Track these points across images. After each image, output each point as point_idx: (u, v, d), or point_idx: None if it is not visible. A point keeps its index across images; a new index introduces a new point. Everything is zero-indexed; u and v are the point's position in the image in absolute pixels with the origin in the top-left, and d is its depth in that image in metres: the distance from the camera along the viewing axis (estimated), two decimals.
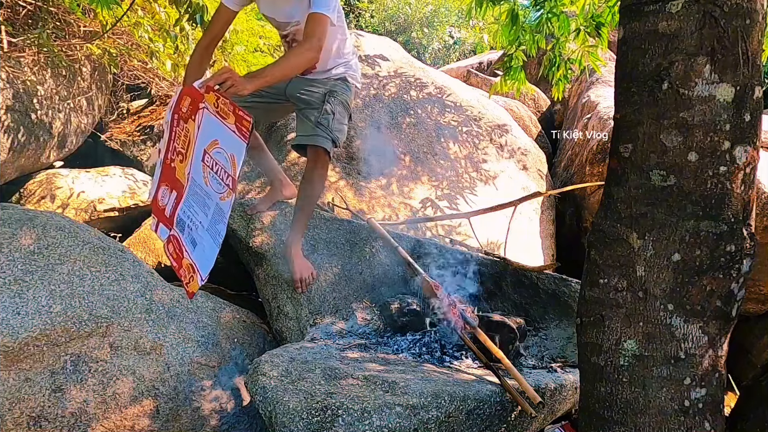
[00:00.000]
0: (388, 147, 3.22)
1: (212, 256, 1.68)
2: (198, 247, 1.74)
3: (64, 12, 3.66)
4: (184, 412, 1.85)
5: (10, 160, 3.63)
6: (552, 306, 2.46)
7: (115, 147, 5.06)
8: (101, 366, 1.80)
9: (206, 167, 1.70)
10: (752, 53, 1.19)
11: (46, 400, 1.70)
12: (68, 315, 1.80)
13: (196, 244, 1.75)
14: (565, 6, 3.25)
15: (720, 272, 1.23)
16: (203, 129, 1.73)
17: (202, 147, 1.73)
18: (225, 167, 1.65)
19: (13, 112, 3.45)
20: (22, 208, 2.15)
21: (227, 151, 1.65)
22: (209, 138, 1.71)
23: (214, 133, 1.70)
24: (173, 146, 1.84)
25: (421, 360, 1.96)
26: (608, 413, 1.32)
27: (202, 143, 1.73)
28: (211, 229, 1.69)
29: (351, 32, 3.96)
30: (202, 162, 1.72)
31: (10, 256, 1.84)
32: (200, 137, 1.74)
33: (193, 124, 1.75)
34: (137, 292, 1.98)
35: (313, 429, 1.41)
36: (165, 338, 1.93)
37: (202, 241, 1.73)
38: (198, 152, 1.74)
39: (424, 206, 3.10)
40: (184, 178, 1.79)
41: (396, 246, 2.37)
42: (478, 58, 7.17)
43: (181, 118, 1.81)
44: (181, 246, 1.81)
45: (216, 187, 1.69)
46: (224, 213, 1.66)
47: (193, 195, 1.77)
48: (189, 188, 1.77)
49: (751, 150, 1.22)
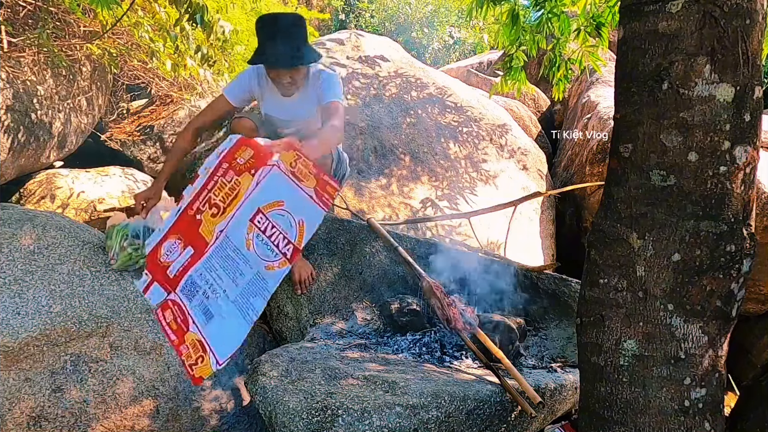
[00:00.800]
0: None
1: (238, 336, 1.44)
2: (214, 320, 1.48)
3: (64, 12, 3.66)
4: (184, 412, 1.85)
5: (10, 160, 3.63)
6: (552, 306, 2.46)
7: (115, 147, 5.06)
8: (101, 366, 1.80)
9: (255, 228, 1.51)
10: (752, 53, 1.19)
11: (46, 400, 1.70)
12: (68, 315, 1.79)
13: (211, 317, 1.50)
14: (566, 6, 3.25)
15: (720, 272, 1.23)
16: (265, 186, 1.54)
17: (256, 205, 1.53)
18: (286, 232, 1.48)
19: (13, 112, 3.45)
20: (22, 208, 2.15)
21: (294, 216, 1.49)
22: (271, 197, 1.52)
23: (280, 193, 1.52)
24: (208, 196, 1.59)
25: (421, 360, 1.96)
26: (608, 413, 1.32)
27: (259, 201, 1.53)
28: (242, 301, 1.46)
29: (351, 32, 3.96)
30: (250, 222, 1.52)
31: (10, 256, 1.84)
32: (257, 194, 1.54)
33: (250, 178, 1.55)
34: (137, 292, 1.98)
35: (313, 429, 1.41)
36: (165, 338, 1.93)
37: (221, 313, 1.48)
38: (247, 210, 1.54)
39: (424, 206, 3.10)
40: (211, 235, 1.54)
41: (396, 246, 2.37)
42: (478, 58, 7.17)
43: (231, 168, 1.60)
44: (185, 315, 1.54)
45: (263, 253, 1.49)
46: (267, 285, 1.45)
47: (222, 256, 1.53)
48: (216, 247, 1.52)
49: (751, 150, 1.22)
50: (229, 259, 1.51)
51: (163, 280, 1.52)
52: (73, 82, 4.00)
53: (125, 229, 2.01)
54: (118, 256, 1.98)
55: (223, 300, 1.48)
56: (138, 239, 2.00)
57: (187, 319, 1.51)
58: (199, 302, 1.50)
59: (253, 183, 1.56)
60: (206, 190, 1.61)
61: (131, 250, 1.99)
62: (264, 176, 1.55)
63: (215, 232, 1.53)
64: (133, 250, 1.99)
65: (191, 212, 1.60)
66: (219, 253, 1.52)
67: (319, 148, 1.72)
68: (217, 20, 3.04)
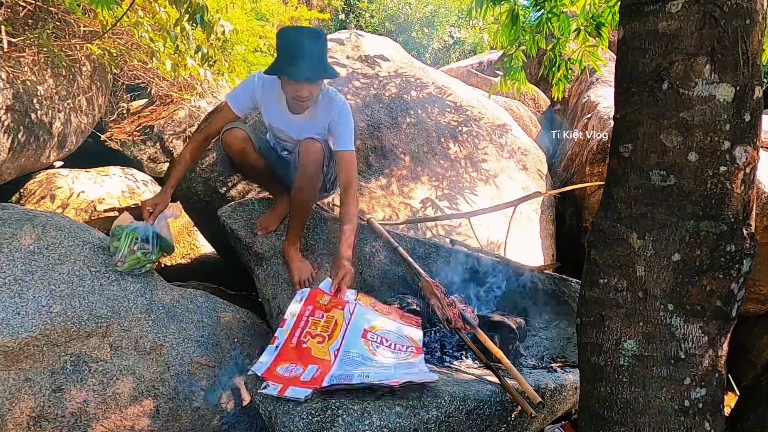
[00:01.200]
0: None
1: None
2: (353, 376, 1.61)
3: (64, 12, 3.66)
4: (184, 412, 1.85)
5: (10, 160, 3.63)
6: (552, 306, 2.46)
7: (115, 147, 5.06)
8: (101, 366, 1.80)
9: (370, 342, 1.74)
10: (752, 53, 1.19)
11: (46, 400, 1.70)
12: (68, 315, 1.79)
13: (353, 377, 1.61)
14: (566, 6, 3.25)
15: (720, 272, 1.23)
16: (359, 315, 1.82)
17: (362, 327, 1.78)
18: (400, 343, 1.78)
19: (13, 112, 3.45)
20: (22, 208, 2.15)
21: (402, 333, 1.83)
22: (369, 323, 1.81)
23: (373, 320, 1.83)
24: (305, 332, 1.76)
25: None
26: (608, 413, 1.32)
27: (362, 324, 1.80)
28: (394, 374, 1.61)
29: (351, 32, 3.96)
30: (362, 338, 1.75)
31: (10, 256, 1.84)
32: (357, 320, 1.80)
33: (341, 311, 1.82)
34: (137, 292, 1.98)
35: (313, 429, 1.40)
36: (165, 338, 1.93)
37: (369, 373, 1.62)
38: (354, 331, 1.76)
39: (424, 206, 3.10)
40: (328, 354, 1.68)
41: (396, 246, 2.37)
42: (478, 58, 7.18)
43: (318, 309, 1.85)
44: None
45: (389, 355, 1.72)
46: (414, 365, 1.69)
47: (353, 363, 1.67)
48: (342, 359, 1.66)
49: (751, 150, 1.22)
50: (361, 364, 1.65)
51: (301, 384, 1.55)
52: (73, 82, 4.00)
53: (134, 232, 2.01)
54: (126, 259, 1.98)
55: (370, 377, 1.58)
56: (147, 244, 2.02)
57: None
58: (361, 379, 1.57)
59: (347, 313, 1.82)
60: (299, 328, 1.77)
61: (140, 254, 1.99)
62: (353, 310, 1.84)
63: (331, 352, 1.68)
64: (143, 254, 2.00)
65: (293, 345, 1.71)
66: (348, 362, 1.64)
67: (350, 261, 1.99)
68: (218, 20, 3.04)
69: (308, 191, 2.17)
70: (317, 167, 2.13)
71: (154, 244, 2.04)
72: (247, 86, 2.18)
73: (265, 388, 1.50)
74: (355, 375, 1.56)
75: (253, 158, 2.22)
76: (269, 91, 2.16)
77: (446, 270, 2.50)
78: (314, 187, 2.19)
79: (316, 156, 2.09)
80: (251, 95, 2.17)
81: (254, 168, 2.28)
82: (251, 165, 2.25)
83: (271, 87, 2.14)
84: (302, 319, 1.80)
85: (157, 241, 2.05)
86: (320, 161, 2.12)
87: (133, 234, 2.00)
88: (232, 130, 2.15)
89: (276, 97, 2.16)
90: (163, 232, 2.08)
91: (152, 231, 2.04)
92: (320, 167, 2.15)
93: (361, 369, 1.61)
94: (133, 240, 1.99)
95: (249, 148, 2.18)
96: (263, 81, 2.15)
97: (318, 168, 2.14)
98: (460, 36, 11.14)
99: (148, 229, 2.04)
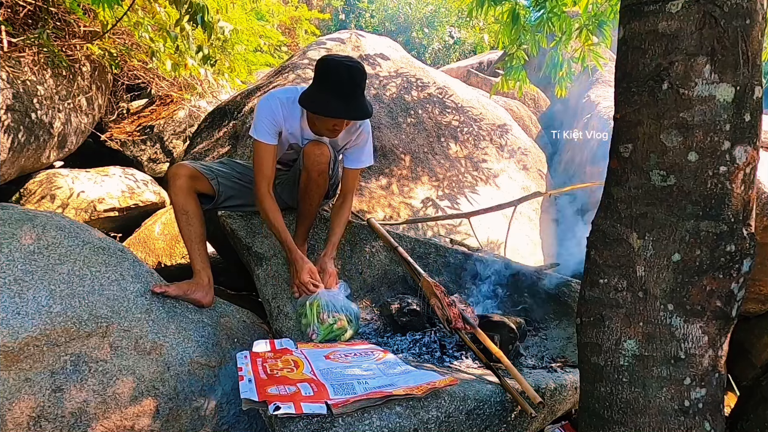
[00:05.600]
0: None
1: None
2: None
3: (64, 12, 3.66)
4: (184, 412, 1.85)
5: (10, 160, 3.63)
6: (552, 306, 2.46)
7: (115, 147, 5.06)
8: (101, 366, 1.80)
9: (338, 359, 1.74)
10: (752, 53, 1.19)
11: (46, 400, 1.70)
12: (68, 315, 1.79)
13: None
14: (567, 6, 3.25)
15: (720, 272, 1.23)
16: (311, 352, 1.80)
17: (321, 355, 1.77)
18: (362, 351, 1.82)
19: (13, 112, 3.45)
20: (22, 208, 2.15)
21: (358, 348, 1.86)
22: (324, 352, 1.80)
23: (326, 351, 1.81)
24: (268, 374, 1.62)
25: (421, 360, 1.96)
26: (608, 413, 1.32)
27: (320, 353, 1.79)
28: (398, 380, 1.59)
29: (351, 32, 3.96)
30: (327, 359, 1.74)
31: (10, 256, 1.84)
32: (312, 353, 1.79)
33: (291, 355, 1.77)
34: (137, 292, 1.98)
35: (313, 429, 1.40)
36: (165, 338, 1.93)
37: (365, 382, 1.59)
38: (318, 357, 1.75)
39: (424, 206, 3.10)
40: (306, 376, 1.62)
41: (396, 246, 2.37)
42: (478, 58, 7.18)
43: (268, 359, 1.75)
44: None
45: (365, 359, 1.74)
46: (392, 363, 1.71)
47: (329, 376, 1.63)
48: (322, 374, 1.62)
49: (751, 150, 1.22)
50: (343, 375, 1.62)
51: (309, 399, 1.48)
52: (73, 82, 4.00)
53: (317, 300, 2.04)
54: (319, 329, 2.00)
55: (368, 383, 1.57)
56: (337, 312, 2.04)
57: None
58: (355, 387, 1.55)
59: (297, 353, 1.78)
60: (260, 367, 1.68)
61: (331, 321, 2.01)
62: (302, 352, 1.80)
63: (309, 373, 1.63)
64: (333, 322, 2.01)
65: (264, 378, 1.60)
66: (329, 376, 1.61)
67: (333, 259, 2.18)
68: (218, 20, 3.04)
69: (314, 192, 2.18)
70: (323, 169, 2.15)
71: (335, 310, 2.04)
72: (267, 114, 2.11)
73: (277, 410, 1.39)
74: (354, 384, 1.54)
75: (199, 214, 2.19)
76: (289, 108, 2.12)
77: (446, 270, 2.50)
78: (320, 190, 2.21)
79: (322, 158, 2.13)
80: (273, 121, 2.11)
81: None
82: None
83: (292, 104, 2.11)
84: (259, 365, 1.69)
85: (336, 304, 2.06)
86: (327, 164, 2.15)
87: (316, 304, 2.03)
88: (180, 167, 2.14)
89: (297, 114, 2.13)
90: (336, 290, 2.12)
91: (328, 296, 2.05)
92: (326, 170, 2.17)
93: (350, 377, 1.59)
94: (319, 310, 2.02)
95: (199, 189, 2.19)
96: (280, 101, 2.11)
97: (324, 170, 2.16)
98: (460, 36, 11.14)
99: (326, 296, 2.05)
